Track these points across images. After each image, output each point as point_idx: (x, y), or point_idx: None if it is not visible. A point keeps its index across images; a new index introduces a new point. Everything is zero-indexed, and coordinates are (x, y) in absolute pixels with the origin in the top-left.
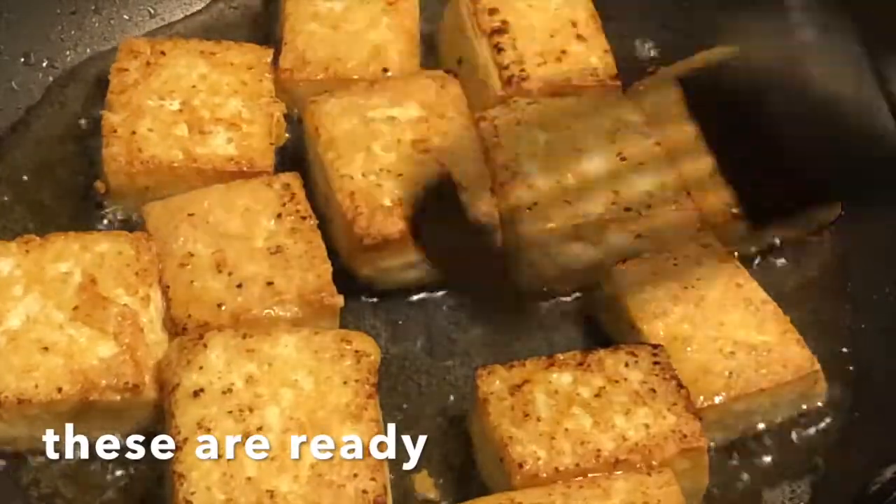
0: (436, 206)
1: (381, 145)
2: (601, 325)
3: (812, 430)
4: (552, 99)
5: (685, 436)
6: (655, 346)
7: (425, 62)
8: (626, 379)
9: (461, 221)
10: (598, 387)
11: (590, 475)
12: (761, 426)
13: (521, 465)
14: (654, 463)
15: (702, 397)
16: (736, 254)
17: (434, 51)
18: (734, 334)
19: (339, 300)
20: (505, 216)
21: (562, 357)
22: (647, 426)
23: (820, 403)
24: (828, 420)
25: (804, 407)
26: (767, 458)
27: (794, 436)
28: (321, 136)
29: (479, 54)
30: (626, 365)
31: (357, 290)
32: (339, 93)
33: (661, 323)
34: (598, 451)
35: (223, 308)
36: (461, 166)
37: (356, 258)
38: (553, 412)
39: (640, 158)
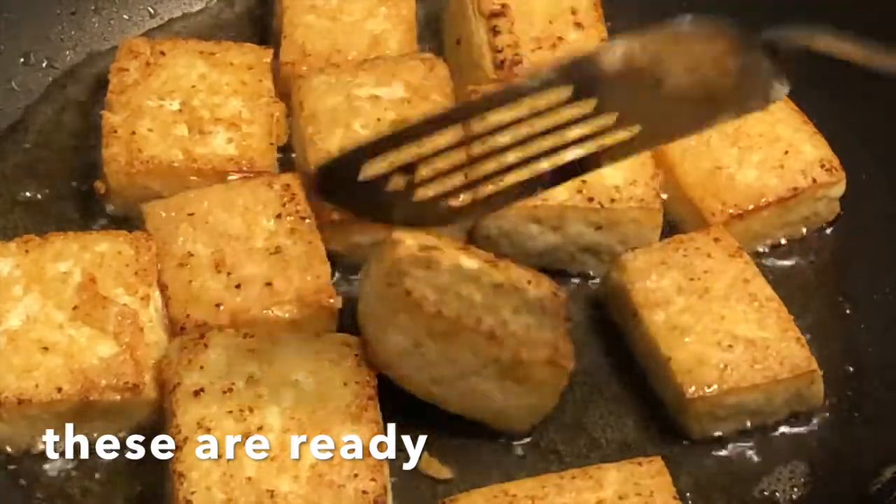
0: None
1: (362, 123)
2: (607, 312)
3: (812, 430)
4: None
5: (557, 349)
6: (559, 287)
7: (426, 48)
8: (524, 290)
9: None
10: (499, 282)
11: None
12: (757, 423)
13: (408, 293)
14: (523, 356)
15: (693, 387)
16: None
17: (435, 36)
18: (734, 328)
19: (338, 302)
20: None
21: (475, 250)
22: (528, 327)
23: (816, 404)
24: (827, 420)
25: (800, 407)
26: (766, 458)
27: (793, 435)
28: (304, 111)
29: (475, 35)
30: (529, 282)
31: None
32: (329, 70)
33: (663, 311)
34: (480, 319)
35: (221, 308)
36: None
37: (325, 233)
38: (453, 278)
39: None
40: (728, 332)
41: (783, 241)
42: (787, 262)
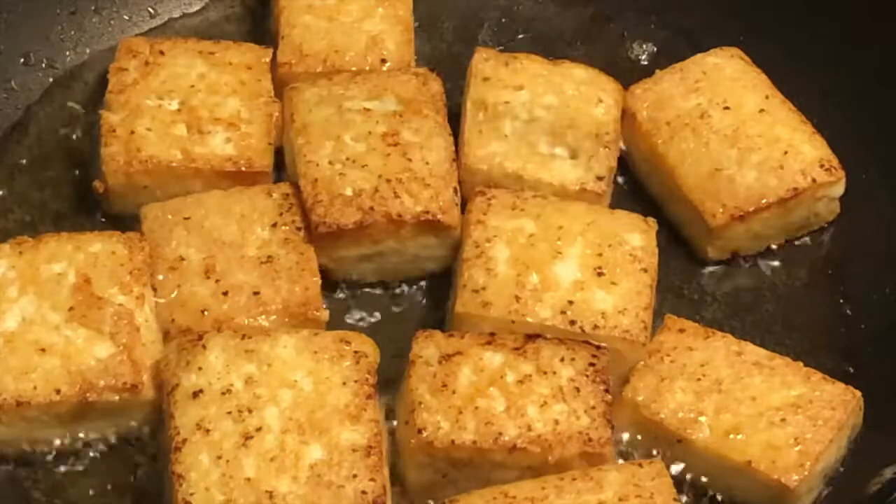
0: None
1: (352, 135)
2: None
3: None
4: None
5: (590, 439)
6: (598, 348)
7: (426, 49)
8: (555, 372)
9: None
10: (525, 374)
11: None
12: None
13: (420, 431)
14: (550, 459)
15: (794, 476)
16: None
17: (433, 37)
18: (770, 402)
19: (325, 315)
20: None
21: (502, 338)
22: (556, 422)
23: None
24: None
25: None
26: None
27: None
28: (295, 122)
29: None
30: (562, 360)
31: (351, 302)
32: (321, 82)
33: (703, 423)
34: (500, 434)
35: (206, 314)
36: None
37: (313, 245)
38: (471, 389)
39: (616, 279)
40: (769, 408)
41: (783, 242)
42: (786, 263)
